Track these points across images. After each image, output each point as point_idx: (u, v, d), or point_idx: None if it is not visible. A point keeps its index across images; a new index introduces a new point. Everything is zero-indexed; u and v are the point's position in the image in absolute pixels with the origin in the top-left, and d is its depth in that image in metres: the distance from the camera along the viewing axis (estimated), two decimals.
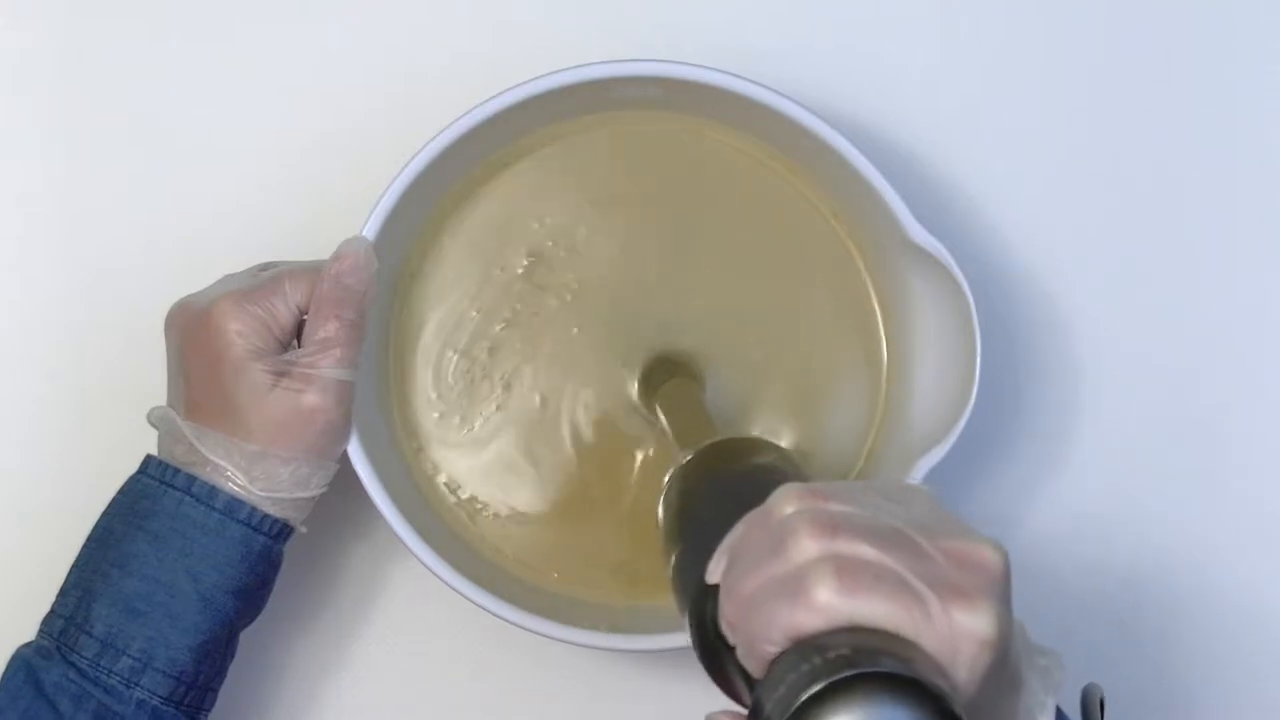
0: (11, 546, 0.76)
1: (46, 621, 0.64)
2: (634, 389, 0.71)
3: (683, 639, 0.63)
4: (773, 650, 0.46)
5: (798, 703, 0.43)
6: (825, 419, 0.72)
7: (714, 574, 0.50)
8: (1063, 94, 0.78)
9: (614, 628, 0.68)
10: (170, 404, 0.66)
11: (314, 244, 0.69)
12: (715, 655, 0.52)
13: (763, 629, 0.46)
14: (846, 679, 0.43)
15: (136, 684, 0.62)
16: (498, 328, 0.72)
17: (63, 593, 0.64)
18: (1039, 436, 0.78)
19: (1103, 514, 0.78)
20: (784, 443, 0.71)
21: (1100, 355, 0.78)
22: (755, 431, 0.71)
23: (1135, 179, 0.78)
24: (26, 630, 0.65)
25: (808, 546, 0.46)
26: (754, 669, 0.47)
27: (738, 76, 0.67)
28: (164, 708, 0.63)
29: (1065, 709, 0.55)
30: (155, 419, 0.66)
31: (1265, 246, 0.78)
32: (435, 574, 0.67)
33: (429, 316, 0.72)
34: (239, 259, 0.69)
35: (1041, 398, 0.78)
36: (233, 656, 0.66)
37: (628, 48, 0.72)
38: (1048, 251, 0.78)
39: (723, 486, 0.58)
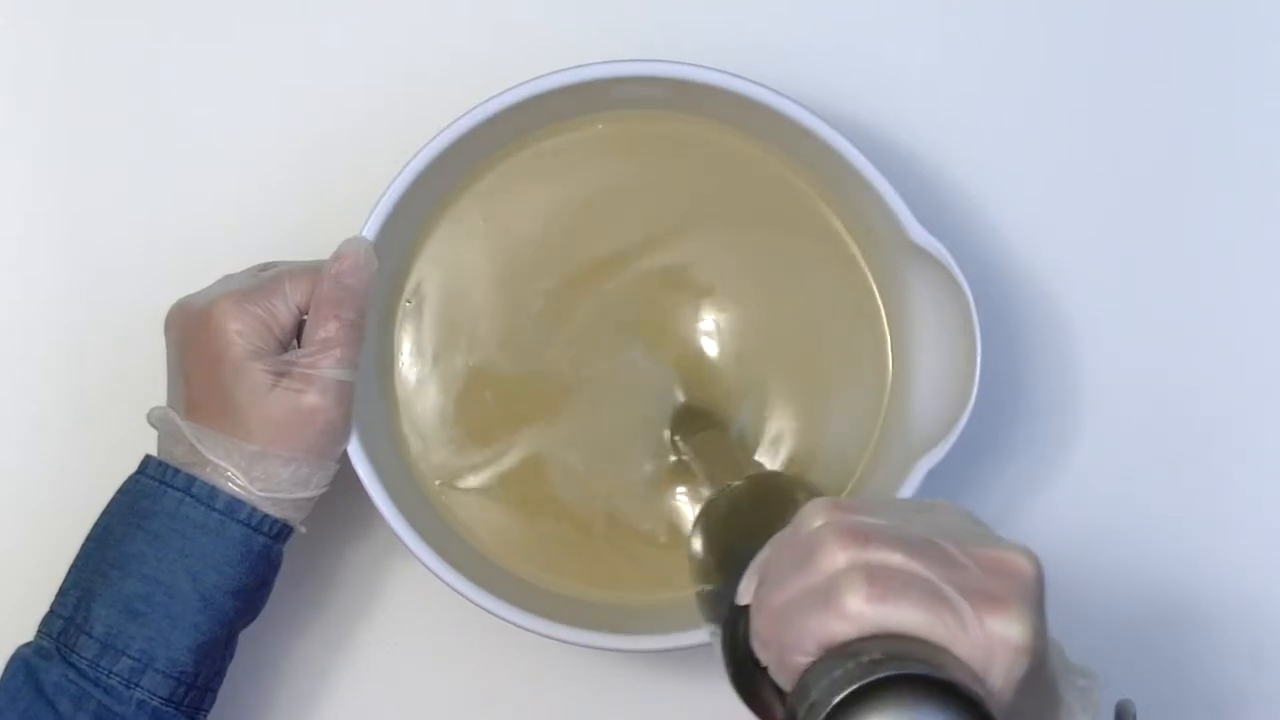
0: (11, 546, 0.76)
1: (45, 622, 0.64)
2: (653, 402, 0.71)
3: (683, 639, 0.63)
4: (804, 661, 0.46)
5: (831, 705, 0.43)
6: (826, 419, 0.72)
7: (745, 594, 0.50)
8: (1063, 94, 0.78)
9: (614, 628, 0.68)
10: (170, 404, 0.66)
11: (314, 244, 0.69)
12: (748, 678, 0.51)
13: (794, 639, 0.46)
14: (880, 680, 0.43)
15: (136, 684, 0.62)
16: (498, 328, 0.72)
17: (62, 593, 0.64)
18: (1039, 437, 0.78)
19: (1103, 514, 0.78)
20: (785, 443, 0.71)
21: (1100, 355, 0.78)
22: (754, 431, 0.71)
23: (1135, 179, 0.78)
24: (26, 630, 0.65)
25: (838, 557, 0.46)
26: (785, 682, 0.47)
27: (738, 76, 0.67)
28: (164, 708, 0.63)
29: None
30: (155, 419, 0.66)
31: (1266, 246, 0.78)
32: (435, 574, 0.67)
33: (429, 316, 0.72)
34: (239, 259, 0.69)
35: (1041, 398, 0.78)
36: (232, 657, 0.66)
37: (628, 48, 0.72)
38: (1048, 251, 0.77)
39: (752, 518, 0.58)
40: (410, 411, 0.72)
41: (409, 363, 0.72)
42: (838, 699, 0.43)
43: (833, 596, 0.45)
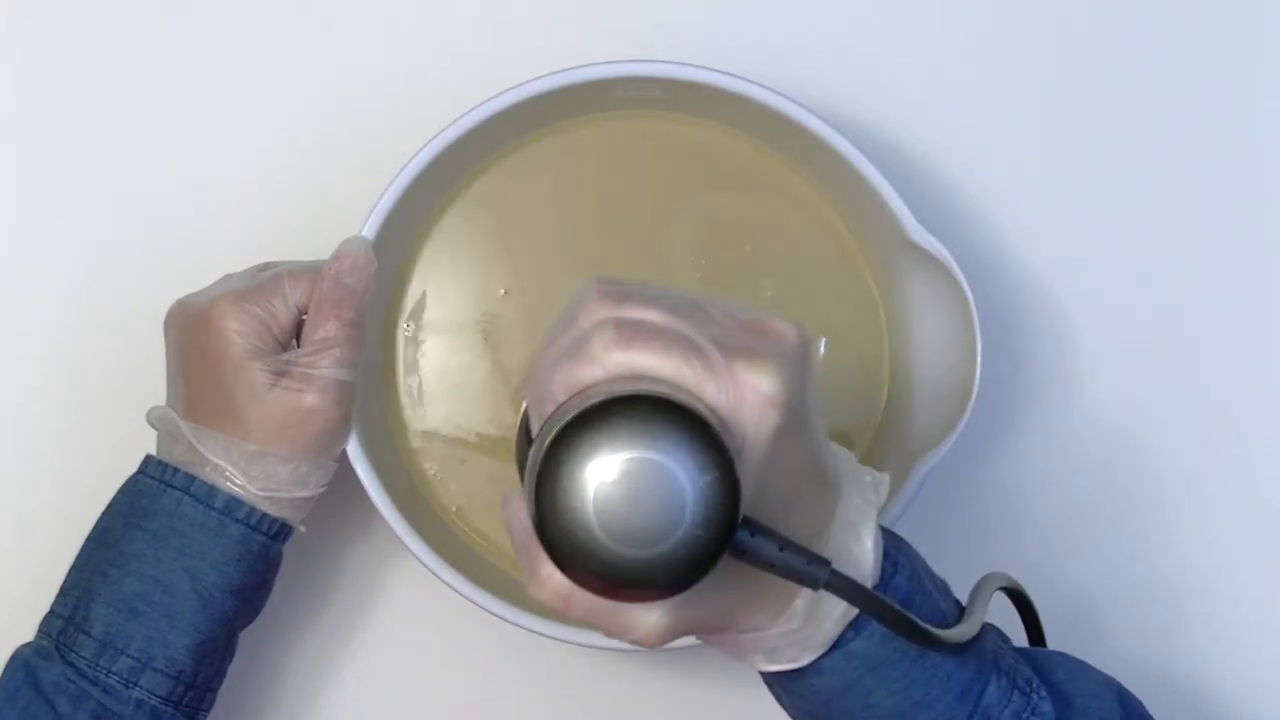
0: (11, 546, 0.76)
1: (46, 621, 0.64)
2: None
3: (684, 639, 0.63)
4: (553, 408, 0.46)
5: (563, 423, 0.43)
6: (825, 419, 0.72)
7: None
8: (1063, 93, 0.78)
9: None
10: (170, 404, 0.66)
11: (314, 244, 0.69)
12: (525, 458, 0.50)
13: (546, 389, 0.46)
14: (605, 401, 0.43)
15: (135, 684, 0.62)
16: (499, 328, 0.72)
17: (62, 592, 0.64)
18: (1039, 436, 0.78)
19: (1103, 514, 0.78)
20: None
21: (1100, 354, 0.78)
22: None
23: (1136, 178, 0.78)
24: (26, 630, 0.65)
25: (595, 312, 0.47)
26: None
27: (738, 77, 0.67)
28: (163, 707, 0.63)
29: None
30: (155, 419, 0.66)
31: (1266, 245, 0.78)
32: (435, 574, 0.67)
33: (429, 316, 0.72)
34: (239, 259, 0.69)
35: (1041, 398, 0.78)
36: (232, 657, 0.66)
37: (628, 48, 0.72)
38: (1048, 251, 0.78)
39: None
40: (410, 411, 0.72)
41: (408, 362, 0.72)
42: (565, 420, 0.43)
43: (582, 345, 0.46)
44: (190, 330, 0.65)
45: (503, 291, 0.72)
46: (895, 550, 0.54)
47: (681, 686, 0.76)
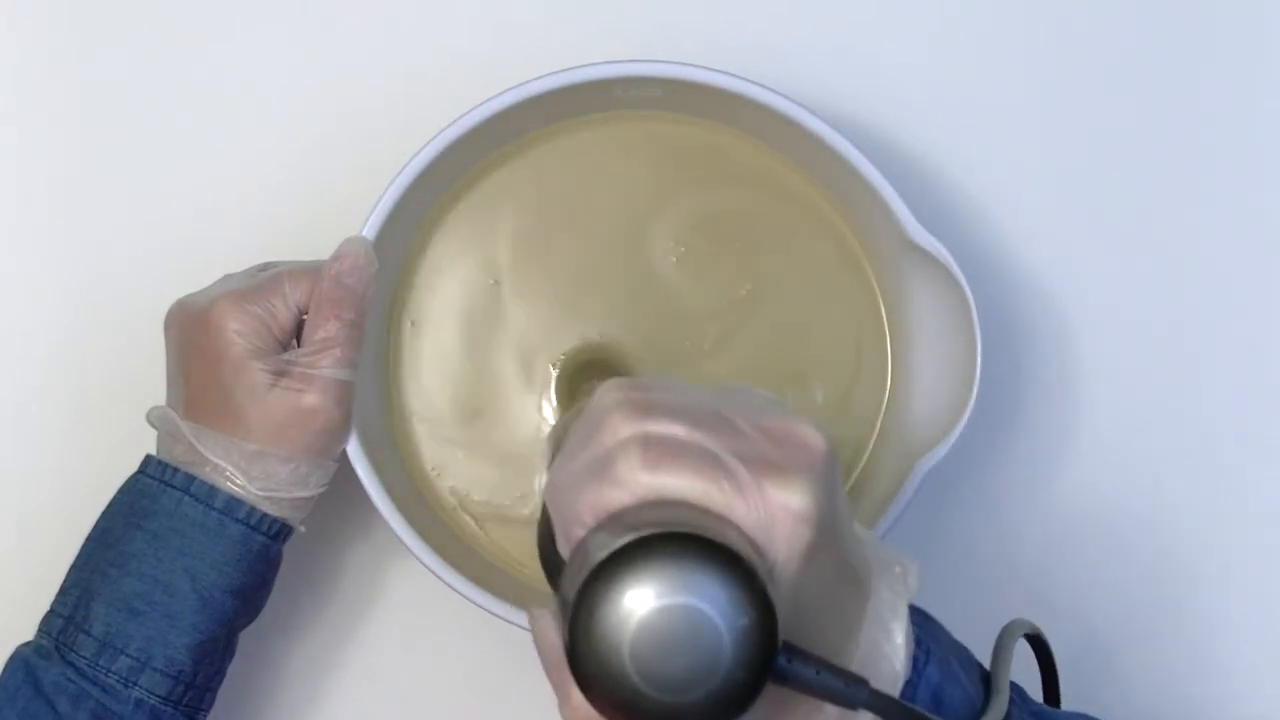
0: (11, 546, 0.76)
1: (45, 621, 0.64)
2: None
3: None
4: (582, 532, 0.45)
5: (594, 564, 0.42)
6: (825, 419, 0.72)
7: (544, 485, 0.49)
8: (1063, 93, 0.78)
9: None
10: (170, 404, 0.66)
11: (314, 244, 0.69)
12: (554, 571, 0.49)
13: (574, 511, 0.45)
14: (646, 539, 0.42)
15: (135, 683, 0.62)
16: (500, 328, 0.72)
17: (62, 592, 0.64)
18: (1039, 437, 0.78)
19: (1103, 514, 0.78)
20: None
21: (1100, 354, 0.78)
22: None
23: (1136, 178, 0.78)
24: (26, 630, 0.65)
25: (620, 429, 0.46)
26: (568, 555, 0.46)
27: (738, 77, 0.67)
28: (162, 707, 0.63)
29: (1076, 697, 0.55)
30: (155, 419, 0.66)
31: (1266, 245, 0.78)
32: (435, 574, 0.67)
33: (429, 317, 0.72)
34: (239, 259, 0.69)
35: (1041, 398, 0.78)
36: (231, 657, 0.66)
37: (628, 48, 0.72)
38: (1048, 251, 0.77)
39: None
40: (410, 411, 0.72)
41: (408, 362, 0.72)
42: (600, 558, 0.42)
43: (608, 465, 0.45)
44: (190, 330, 0.65)
45: (504, 291, 0.72)
46: (924, 635, 0.53)
47: None
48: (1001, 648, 0.57)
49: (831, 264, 0.72)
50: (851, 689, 0.46)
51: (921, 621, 0.54)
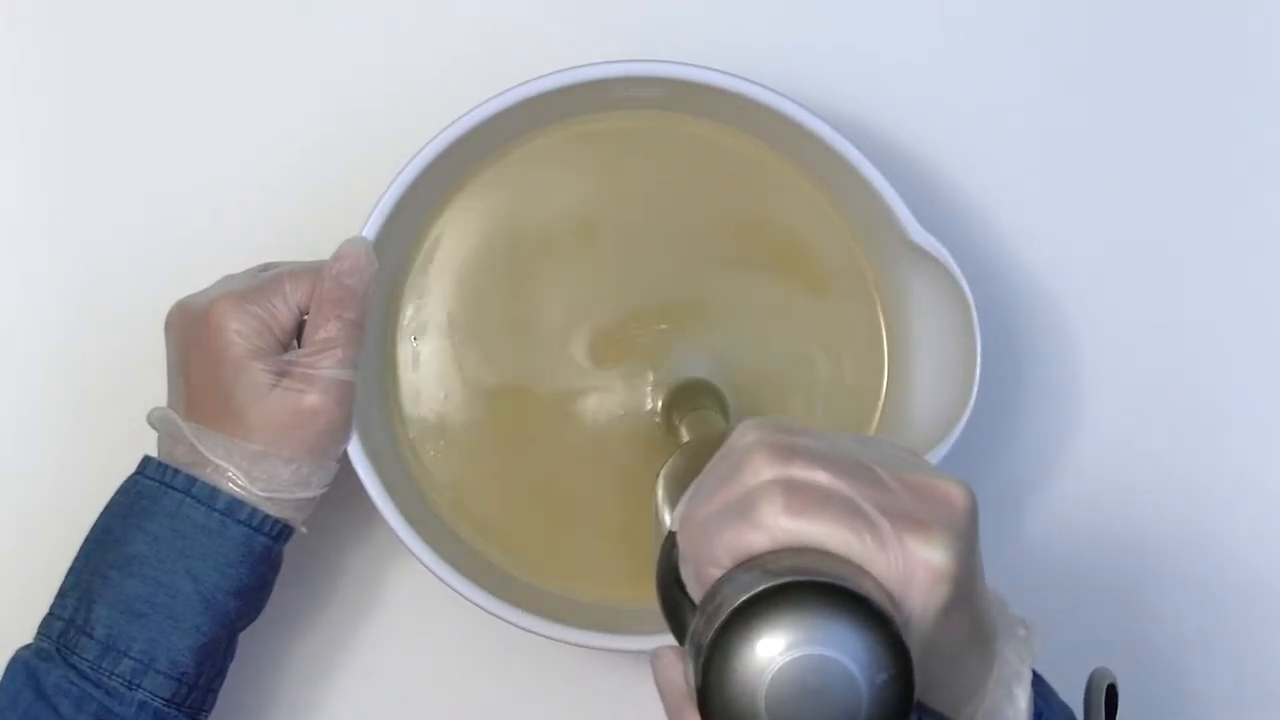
0: (11, 546, 0.76)
1: (45, 624, 0.64)
2: (650, 401, 0.71)
3: None
4: (717, 573, 0.45)
5: (731, 608, 0.42)
6: (825, 419, 0.72)
7: (676, 519, 0.49)
8: (1064, 93, 0.78)
9: (613, 628, 0.68)
10: (170, 405, 0.66)
11: (314, 244, 0.69)
12: (675, 603, 0.49)
13: (709, 552, 0.45)
14: (784, 586, 0.41)
15: (138, 685, 0.62)
16: (500, 329, 0.72)
17: (61, 595, 0.64)
18: (1039, 437, 0.78)
19: (1103, 514, 0.78)
20: None
21: (1100, 354, 0.78)
22: None
23: (1136, 179, 0.78)
24: (26, 631, 0.65)
25: (762, 471, 0.45)
26: (699, 596, 0.46)
27: (738, 77, 0.67)
28: (166, 709, 0.63)
29: (1071, 698, 0.55)
30: (155, 420, 0.66)
31: (1266, 245, 0.79)
32: (435, 574, 0.67)
33: (430, 317, 0.72)
34: (239, 259, 0.69)
35: (1042, 397, 0.78)
36: (232, 657, 0.66)
37: (628, 48, 0.72)
38: (1048, 251, 0.78)
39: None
40: (410, 411, 0.72)
41: (409, 362, 0.72)
42: (738, 602, 0.42)
43: (749, 508, 0.44)
44: (191, 331, 0.65)
45: (505, 291, 0.72)
46: (1044, 705, 0.52)
47: None
48: (1093, 707, 0.57)
49: (831, 263, 0.72)
50: None
51: (1040, 688, 0.53)
